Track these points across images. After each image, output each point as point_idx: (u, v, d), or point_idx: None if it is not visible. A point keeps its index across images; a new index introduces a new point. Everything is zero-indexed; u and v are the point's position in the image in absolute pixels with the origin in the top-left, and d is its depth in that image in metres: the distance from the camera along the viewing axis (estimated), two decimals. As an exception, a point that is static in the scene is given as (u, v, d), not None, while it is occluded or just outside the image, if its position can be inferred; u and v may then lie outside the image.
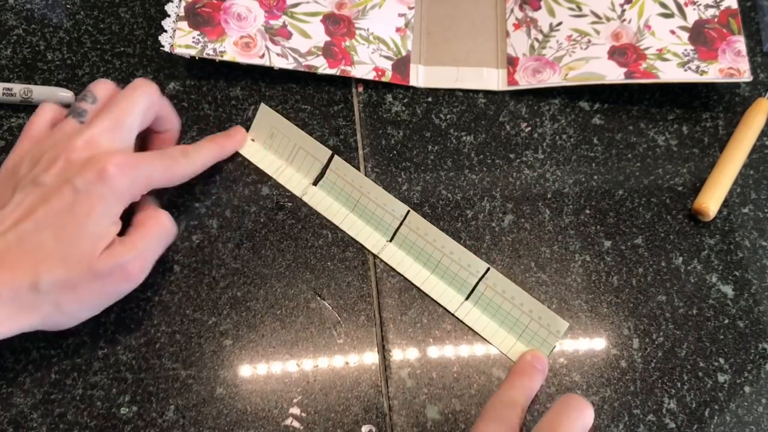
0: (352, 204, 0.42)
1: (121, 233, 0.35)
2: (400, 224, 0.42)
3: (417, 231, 0.41)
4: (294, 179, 0.43)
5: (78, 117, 0.36)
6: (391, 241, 0.42)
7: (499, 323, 0.40)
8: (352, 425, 0.38)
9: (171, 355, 0.38)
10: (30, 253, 0.32)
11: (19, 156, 0.36)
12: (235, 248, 0.41)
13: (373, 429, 0.38)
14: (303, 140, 0.43)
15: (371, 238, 0.42)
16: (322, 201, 0.43)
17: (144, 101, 0.37)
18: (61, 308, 0.33)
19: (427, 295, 0.41)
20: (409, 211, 0.42)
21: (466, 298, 0.41)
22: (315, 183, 0.43)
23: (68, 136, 0.35)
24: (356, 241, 0.42)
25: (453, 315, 0.40)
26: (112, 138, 0.35)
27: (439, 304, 0.41)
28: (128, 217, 0.37)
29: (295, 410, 0.38)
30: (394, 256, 0.42)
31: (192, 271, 0.41)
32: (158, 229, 0.36)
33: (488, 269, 0.40)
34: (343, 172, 0.43)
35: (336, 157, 0.43)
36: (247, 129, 0.44)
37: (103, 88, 0.38)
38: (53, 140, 0.36)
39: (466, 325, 0.40)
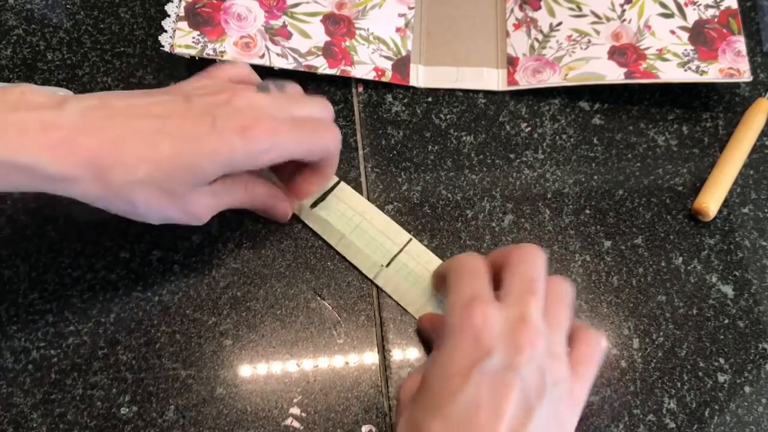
0: (351, 227, 0.42)
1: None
2: (400, 251, 0.41)
3: (417, 259, 0.41)
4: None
5: (260, 87, 0.37)
6: (387, 266, 0.41)
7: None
8: (352, 425, 0.38)
9: (171, 355, 0.38)
10: (145, 145, 0.32)
11: (192, 78, 0.37)
12: (235, 248, 0.41)
13: (373, 429, 0.38)
14: None
15: (366, 262, 0.41)
16: (318, 222, 0.42)
17: (316, 109, 0.37)
18: (134, 202, 0.33)
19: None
20: (410, 240, 0.41)
21: None
22: (313, 206, 0.42)
23: (243, 89, 0.35)
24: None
25: None
26: (274, 110, 0.35)
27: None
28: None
29: (295, 410, 0.38)
30: (390, 281, 0.41)
31: (192, 271, 0.41)
32: (241, 196, 0.38)
33: None
34: (347, 198, 0.42)
35: (342, 183, 0.43)
36: None
37: (294, 86, 0.39)
38: (227, 83, 0.36)
39: None
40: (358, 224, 0.42)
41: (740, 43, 0.47)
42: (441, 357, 0.32)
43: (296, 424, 0.37)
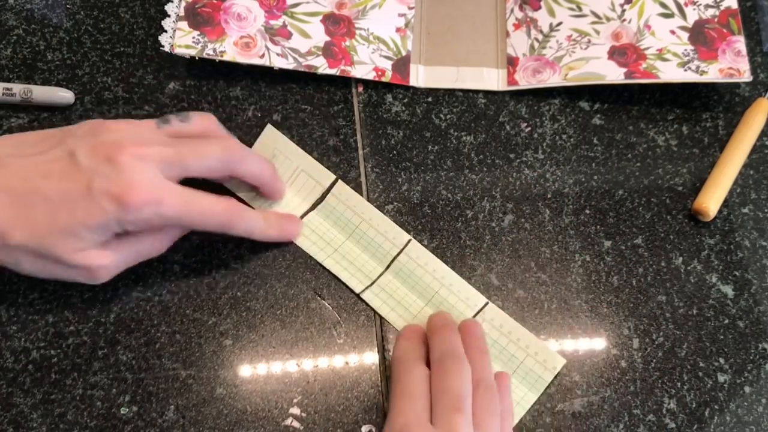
0: (350, 230, 0.42)
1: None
2: (399, 252, 0.41)
3: (416, 260, 0.41)
4: (292, 203, 0.42)
5: (160, 122, 0.36)
6: (386, 269, 0.41)
7: (493, 358, 0.40)
8: (352, 425, 0.38)
9: (171, 355, 0.38)
10: (20, 209, 0.33)
11: (96, 122, 0.36)
12: (235, 248, 0.41)
13: (373, 429, 0.38)
14: (306, 163, 0.43)
15: (365, 267, 0.41)
16: (316, 228, 0.42)
17: (215, 159, 0.36)
18: (19, 264, 0.34)
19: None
20: (410, 240, 0.41)
21: None
22: (313, 207, 0.42)
23: (134, 134, 0.35)
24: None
25: None
26: (164, 168, 0.35)
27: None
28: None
29: (295, 410, 0.38)
30: (389, 285, 0.41)
31: (192, 271, 0.41)
32: (148, 249, 0.37)
33: (486, 304, 0.40)
34: (346, 198, 0.42)
35: (340, 182, 0.42)
36: (250, 144, 0.44)
37: (203, 120, 0.38)
38: (124, 124, 0.35)
39: None
40: (357, 225, 0.41)
41: (740, 43, 0.47)
42: None
43: (296, 424, 0.37)
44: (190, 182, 0.36)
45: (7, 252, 0.34)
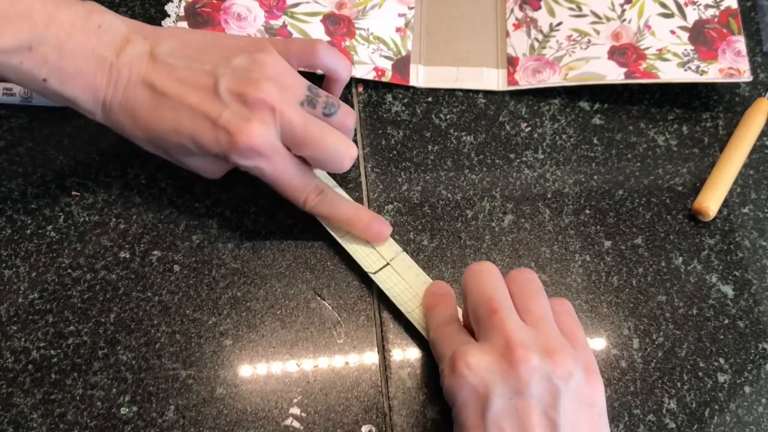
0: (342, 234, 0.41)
1: None
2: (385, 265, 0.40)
3: (401, 274, 0.40)
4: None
5: (308, 101, 0.37)
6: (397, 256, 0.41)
7: None
8: (352, 425, 0.38)
9: (171, 355, 0.38)
10: (154, 110, 0.37)
11: (262, 44, 0.38)
12: (235, 248, 0.41)
13: (373, 429, 0.38)
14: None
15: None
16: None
17: (334, 159, 0.38)
18: (144, 144, 0.39)
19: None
20: (401, 253, 0.41)
21: None
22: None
23: (279, 91, 0.36)
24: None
25: None
26: (284, 136, 0.36)
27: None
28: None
29: (295, 410, 0.38)
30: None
31: (192, 271, 0.41)
32: None
33: None
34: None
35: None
36: None
37: (345, 117, 0.39)
38: (279, 74, 0.37)
39: None
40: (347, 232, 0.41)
41: (740, 43, 0.47)
42: (455, 421, 0.32)
43: (296, 424, 0.37)
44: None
45: (139, 137, 0.38)
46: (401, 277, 0.40)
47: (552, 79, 0.47)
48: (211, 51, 0.37)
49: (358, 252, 0.41)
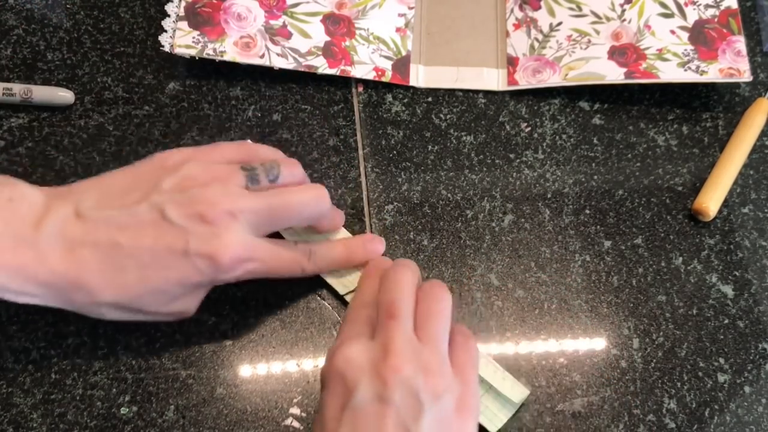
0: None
1: None
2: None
3: None
4: None
5: (250, 180, 0.35)
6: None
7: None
8: (352, 425, 0.38)
9: (171, 355, 0.38)
10: (109, 268, 0.33)
11: (178, 158, 0.35)
12: (235, 248, 0.41)
13: (373, 429, 0.38)
14: None
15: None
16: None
17: (309, 210, 0.36)
18: (103, 315, 0.34)
19: None
20: None
21: None
22: None
23: (224, 190, 0.34)
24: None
25: None
26: (252, 226, 0.34)
27: None
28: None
29: (295, 410, 0.38)
30: None
31: (192, 271, 0.40)
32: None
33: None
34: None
35: None
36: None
37: (291, 171, 0.37)
38: (211, 177, 0.34)
39: None
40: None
41: (740, 43, 0.47)
42: (320, 407, 0.32)
43: (296, 424, 0.37)
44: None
45: (95, 307, 0.33)
46: None
47: (552, 79, 0.47)
48: (135, 186, 0.34)
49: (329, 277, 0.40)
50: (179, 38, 0.44)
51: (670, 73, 0.46)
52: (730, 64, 0.46)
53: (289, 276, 0.38)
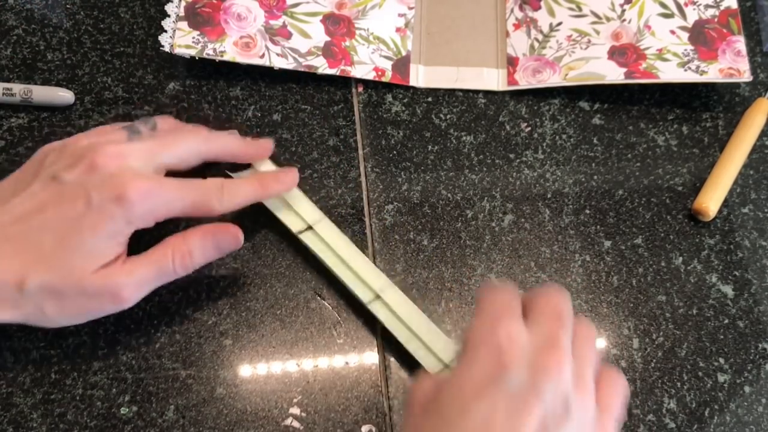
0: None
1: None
2: (375, 297, 0.39)
3: (392, 308, 0.39)
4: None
5: (130, 132, 0.36)
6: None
7: None
8: (352, 425, 0.38)
9: (171, 355, 0.38)
10: (26, 251, 0.33)
11: (57, 143, 0.36)
12: (235, 248, 0.41)
13: (373, 429, 0.38)
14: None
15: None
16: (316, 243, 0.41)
17: (188, 145, 0.37)
18: (43, 311, 0.33)
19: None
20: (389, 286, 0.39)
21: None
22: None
23: (106, 141, 0.35)
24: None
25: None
26: (145, 162, 0.35)
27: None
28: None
29: (295, 410, 0.38)
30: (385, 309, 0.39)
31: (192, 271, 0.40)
32: (164, 262, 0.36)
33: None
34: (326, 236, 0.40)
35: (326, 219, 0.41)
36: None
37: (166, 121, 0.39)
38: (91, 139, 0.35)
39: None
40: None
41: (740, 43, 0.47)
42: (459, 370, 0.30)
43: (296, 424, 0.37)
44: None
45: (29, 300, 0.33)
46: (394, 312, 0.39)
47: (552, 79, 0.47)
48: (23, 177, 0.35)
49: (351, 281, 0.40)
50: (179, 38, 0.44)
51: (670, 73, 0.46)
52: (730, 64, 0.46)
53: (207, 213, 0.36)
